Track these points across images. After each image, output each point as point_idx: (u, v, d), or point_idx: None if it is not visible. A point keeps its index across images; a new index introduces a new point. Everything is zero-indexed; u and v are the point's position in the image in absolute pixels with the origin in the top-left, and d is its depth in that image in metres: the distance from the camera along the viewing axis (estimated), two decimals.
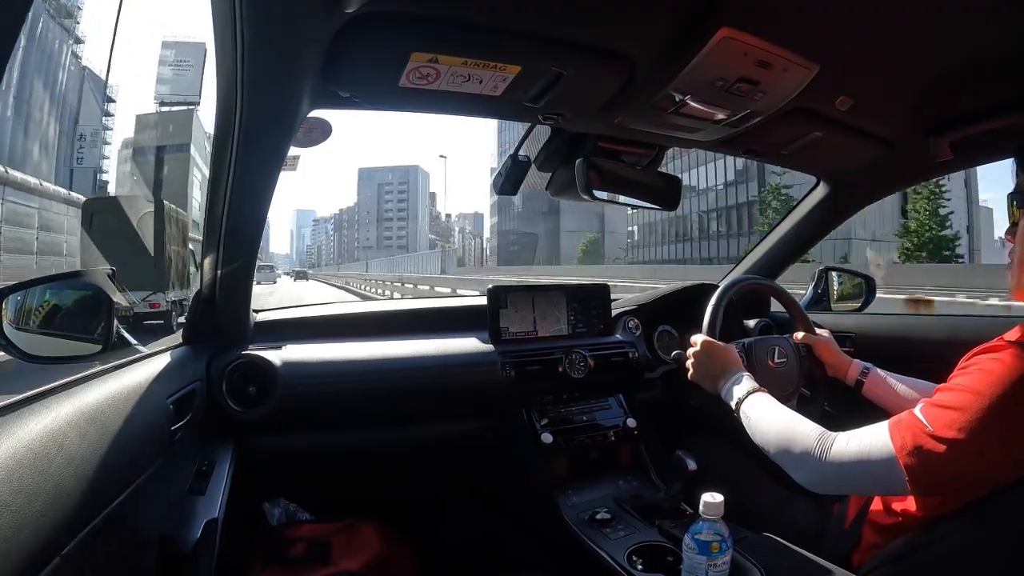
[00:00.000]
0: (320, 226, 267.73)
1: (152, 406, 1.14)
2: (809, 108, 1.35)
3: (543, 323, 1.98)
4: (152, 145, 45.78)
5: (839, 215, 2.08)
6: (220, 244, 1.31)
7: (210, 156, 1.16)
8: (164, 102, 56.10)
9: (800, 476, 1.13)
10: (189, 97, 55.59)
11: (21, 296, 1.19)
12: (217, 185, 1.19)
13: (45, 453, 0.77)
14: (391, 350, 1.75)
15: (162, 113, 52.35)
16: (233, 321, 1.57)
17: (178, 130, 45.88)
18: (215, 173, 1.17)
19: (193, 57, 56.78)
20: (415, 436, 1.83)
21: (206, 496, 1.29)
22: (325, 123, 1.23)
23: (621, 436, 1.87)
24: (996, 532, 0.96)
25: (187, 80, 57.31)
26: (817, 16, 1.02)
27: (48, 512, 0.72)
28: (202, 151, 50.11)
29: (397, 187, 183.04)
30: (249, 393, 1.53)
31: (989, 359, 0.96)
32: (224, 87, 0.97)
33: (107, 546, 0.88)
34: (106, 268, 1.32)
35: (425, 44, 1.00)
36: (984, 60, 1.15)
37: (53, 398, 0.89)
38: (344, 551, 1.66)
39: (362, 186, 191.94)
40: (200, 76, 56.37)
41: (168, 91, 57.32)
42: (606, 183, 1.50)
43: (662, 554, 1.40)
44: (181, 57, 58.29)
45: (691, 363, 1.50)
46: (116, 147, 54.90)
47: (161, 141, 44.82)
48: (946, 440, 0.93)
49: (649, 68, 1.13)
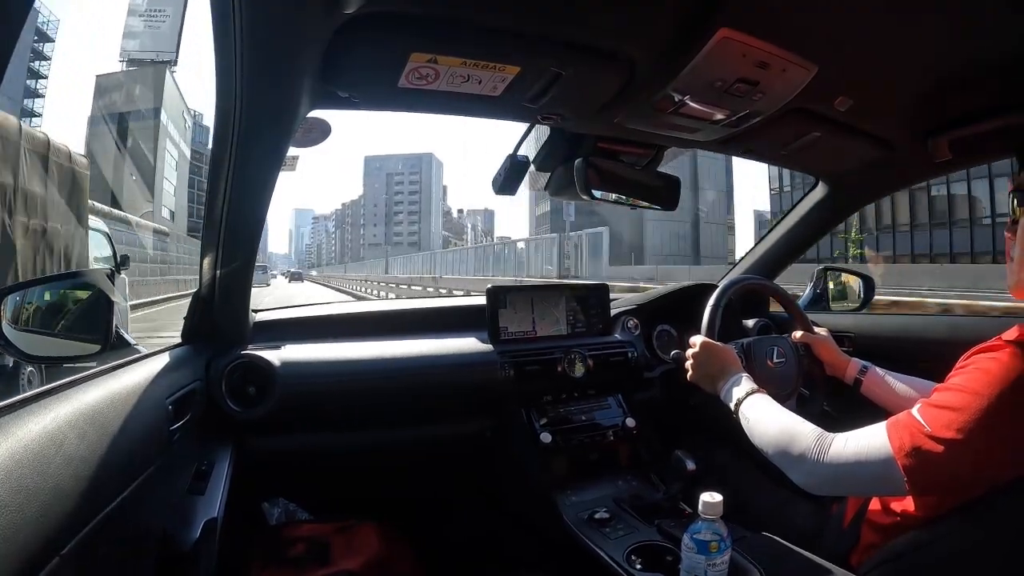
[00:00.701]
0: (320, 224, 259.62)
1: (151, 406, 1.14)
2: (808, 108, 1.35)
3: (542, 323, 1.98)
4: (114, 112, 39.14)
5: (838, 215, 2.09)
6: (219, 244, 1.31)
7: (209, 155, 1.16)
8: (132, 59, 48.14)
9: (798, 477, 1.13)
10: (163, 54, 47.73)
11: (20, 296, 1.20)
12: (216, 185, 1.19)
13: (44, 453, 0.77)
14: (390, 350, 1.75)
15: (128, 73, 44.72)
16: (232, 321, 1.57)
17: (147, 93, 39.71)
18: (214, 173, 1.17)
19: (171, 6, 49.10)
20: (414, 436, 1.83)
21: (205, 496, 1.29)
22: (324, 123, 1.23)
23: (620, 436, 1.87)
24: (994, 532, 0.97)
25: (161, 33, 49.49)
26: (816, 17, 1.02)
27: (47, 512, 0.72)
28: (179, 124, 43.33)
29: (408, 177, 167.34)
30: (248, 393, 1.53)
31: (987, 359, 0.96)
32: (223, 87, 0.98)
33: (106, 546, 0.88)
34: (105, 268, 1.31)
35: (424, 44, 1.00)
36: (982, 61, 1.15)
37: (52, 398, 0.88)
38: (343, 551, 1.66)
39: (369, 177, 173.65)
40: (178, 30, 48.65)
41: (137, 46, 49.11)
42: (605, 183, 1.50)
43: (661, 554, 1.40)
44: (156, 6, 50.28)
45: (690, 364, 1.51)
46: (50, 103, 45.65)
47: (125, 107, 38.74)
48: (944, 440, 0.93)
49: (648, 68, 1.13)
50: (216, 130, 1.09)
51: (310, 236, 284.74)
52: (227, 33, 0.86)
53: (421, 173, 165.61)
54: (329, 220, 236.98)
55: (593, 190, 1.47)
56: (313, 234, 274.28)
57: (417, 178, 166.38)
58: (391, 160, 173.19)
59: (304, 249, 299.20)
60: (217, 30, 0.87)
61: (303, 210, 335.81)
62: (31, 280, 1.22)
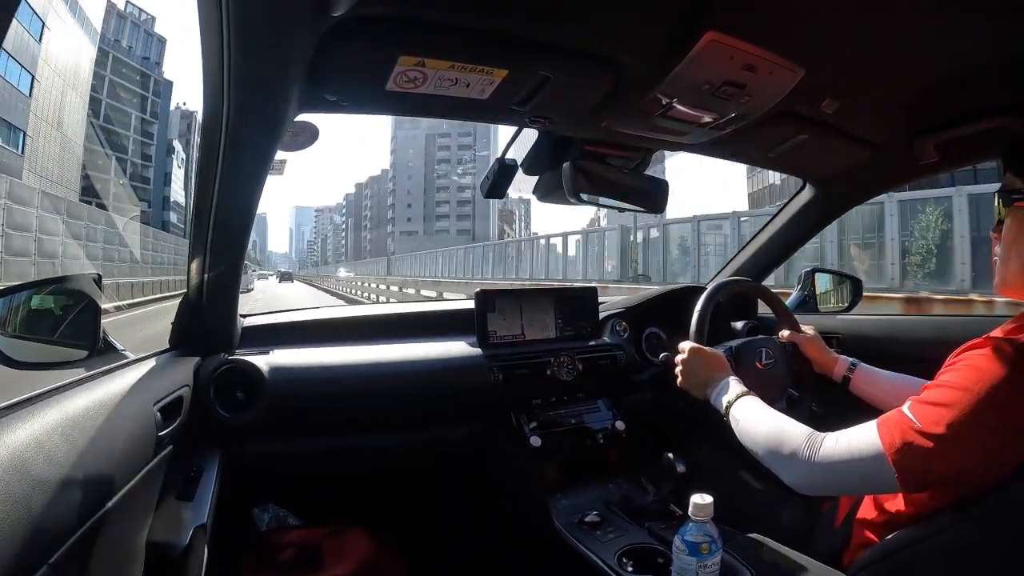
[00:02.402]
0: (324, 216, 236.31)
1: (139, 412, 1.14)
2: (795, 111, 1.35)
3: (531, 327, 1.98)
4: None
5: (826, 217, 2.10)
6: (207, 248, 1.31)
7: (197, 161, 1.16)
8: None
9: (790, 478, 1.14)
10: None
11: (6, 301, 1.19)
12: (204, 189, 1.18)
13: (31, 460, 0.76)
14: (379, 354, 1.75)
15: None
16: (220, 326, 1.56)
17: None
18: (202, 177, 1.17)
19: None
20: (404, 440, 1.82)
21: (194, 502, 1.28)
22: (312, 127, 1.22)
23: (610, 439, 1.87)
24: (985, 529, 0.97)
25: None
26: (803, 20, 1.03)
27: (35, 520, 0.72)
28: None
29: (457, 141, 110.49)
30: (237, 398, 1.52)
31: (977, 355, 0.97)
32: (211, 91, 0.97)
33: (95, 554, 0.88)
34: (92, 273, 1.31)
35: (412, 48, 1.00)
36: (969, 64, 1.16)
37: (39, 404, 0.88)
38: (334, 556, 1.65)
39: (401, 142, 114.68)
40: None
41: None
42: (593, 186, 1.50)
43: (652, 556, 1.41)
44: None
45: (680, 370, 1.51)
46: None
47: None
48: (935, 437, 0.93)
49: (636, 72, 1.14)
50: (204, 134, 1.08)
51: (312, 232, 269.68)
52: (215, 37, 0.86)
53: (475, 134, 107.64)
54: (335, 212, 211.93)
55: (581, 193, 1.47)
56: (317, 229, 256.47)
57: (470, 139, 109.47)
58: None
59: (306, 247, 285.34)
60: (205, 34, 0.86)
61: (304, 208, 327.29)
62: (17, 285, 1.21)
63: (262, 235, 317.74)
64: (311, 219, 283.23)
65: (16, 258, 18.28)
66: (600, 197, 1.52)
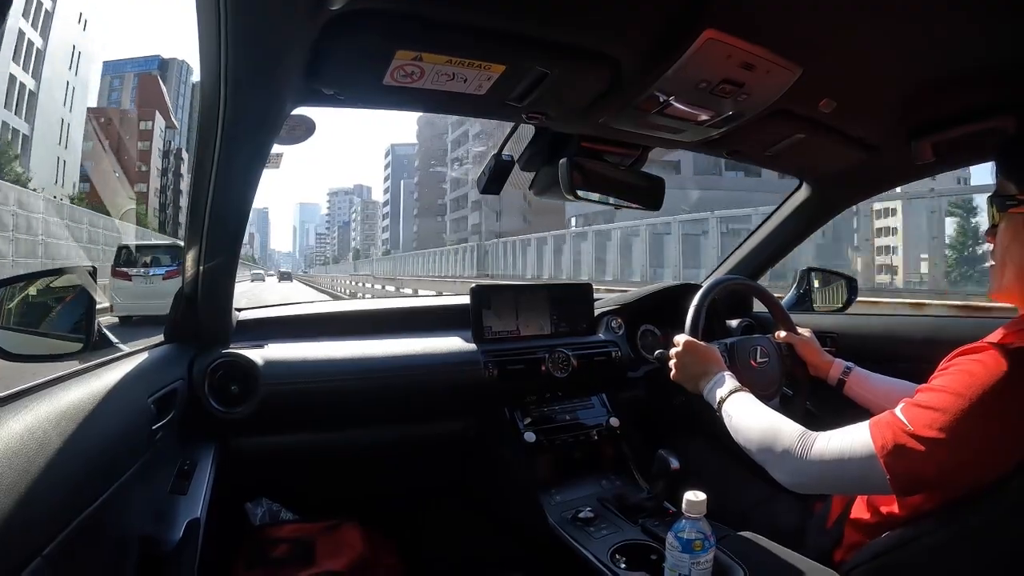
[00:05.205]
0: (340, 199, 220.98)
1: (133, 405, 1.14)
2: (792, 110, 1.35)
3: (526, 323, 1.98)
4: None
5: (821, 216, 2.10)
6: (202, 242, 1.31)
7: (193, 154, 1.16)
8: None
9: (781, 476, 1.14)
10: None
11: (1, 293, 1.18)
12: (200, 182, 1.18)
13: (25, 452, 0.76)
14: (374, 349, 1.75)
15: None
16: (215, 319, 1.56)
17: None
18: (198, 171, 1.16)
19: None
20: (398, 435, 1.83)
21: (188, 496, 1.29)
22: (309, 120, 1.22)
23: (604, 435, 1.87)
24: (976, 531, 0.98)
25: None
26: (801, 19, 1.03)
27: (28, 512, 0.72)
28: None
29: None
30: (231, 392, 1.52)
31: (970, 361, 0.97)
32: (208, 85, 0.97)
33: (88, 546, 0.88)
34: (87, 266, 1.30)
35: (410, 42, 0.99)
36: (966, 64, 1.16)
37: (33, 396, 0.88)
38: (328, 551, 1.65)
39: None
40: None
41: None
42: (590, 183, 1.50)
43: (645, 553, 1.41)
44: None
45: (674, 364, 1.51)
46: None
47: None
48: (926, 440, 0.94)
49: (633, 69, 1.13)
50: (200, 128, 1.08)
51: (325, 224, 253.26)
52: (212, 32, 0.85)
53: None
54: (354, 193, 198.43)
55: (577, 190, 1.47)
56: (331, 214, 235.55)
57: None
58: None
59: (315, 243, 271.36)
60: (202, 29, 0.86)
61: (309, 204, 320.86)
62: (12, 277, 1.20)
63: (264, 232, 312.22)
64: (314, 217, 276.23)
65: None
66: (596, 194, 1.52)
